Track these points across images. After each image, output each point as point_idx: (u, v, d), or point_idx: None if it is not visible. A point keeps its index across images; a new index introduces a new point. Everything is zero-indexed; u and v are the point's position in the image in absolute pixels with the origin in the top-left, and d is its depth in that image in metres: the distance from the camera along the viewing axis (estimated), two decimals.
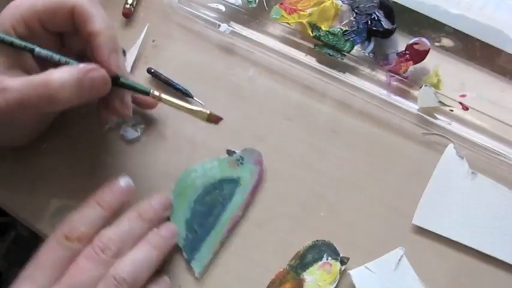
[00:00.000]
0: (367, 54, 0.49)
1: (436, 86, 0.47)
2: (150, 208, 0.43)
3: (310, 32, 0.49)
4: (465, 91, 0.48)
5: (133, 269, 0.38)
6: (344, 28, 0.49)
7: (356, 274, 0.42)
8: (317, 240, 0.44)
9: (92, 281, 0.38)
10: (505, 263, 0.43)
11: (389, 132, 0.48)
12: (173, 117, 0.49)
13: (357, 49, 0.49)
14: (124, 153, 0.48)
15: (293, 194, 0.46)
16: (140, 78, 0.51)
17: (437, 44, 0.49)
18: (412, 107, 0.47)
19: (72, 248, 0.39)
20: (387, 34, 0.49)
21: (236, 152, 0.47)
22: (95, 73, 0.39)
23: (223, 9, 0.52)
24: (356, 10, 0.49)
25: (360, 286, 0.42)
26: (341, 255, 0.43)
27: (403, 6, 0.49)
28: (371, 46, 0.49)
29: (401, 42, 0.49)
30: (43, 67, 0.40)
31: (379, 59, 0.49)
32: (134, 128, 0.48)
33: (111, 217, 0.41)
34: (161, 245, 0.41)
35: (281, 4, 0.50)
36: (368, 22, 0.49)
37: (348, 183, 0.46)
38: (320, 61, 0.50)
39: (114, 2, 0.53)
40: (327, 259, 0.43)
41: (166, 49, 0.52)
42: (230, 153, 0.47)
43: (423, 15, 0.49)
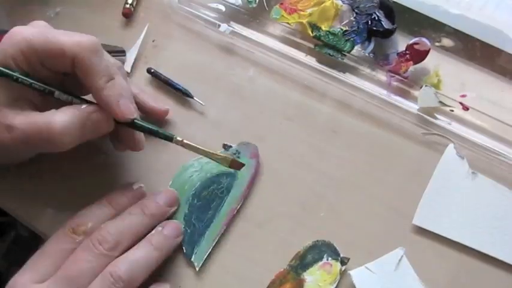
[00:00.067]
0: (367, 54, 0.49)
1: (436, 86, 0.47)
2: (153, 203, 0.43)
3: (310, 32, 0.49)
4: (465, 91, 0.48)
5: (130, 268, 0.38)
6: (344, 28, 0.49)
7: (356, 274, 0.42)
8: (317, 240, 0.44)
9: (88, 273, 0.38)
10: (505, 263, 0.43)
11: (389, 132, 0.48)
12: (173, 117, 0.49)
13: (357, 49, 0.49)
14: (124, 153, 0.48)
15: (293, 194, 0.46)
16: (140, 78, 0.51)
17: (437, 44, 0.49)
18: (412, 107, 0.47)
19: (76, 241, 0.40)
20: (387, 34, 0.49)
21: (232, 146, 0.47)
22: (98, 115, 0.40)
23: (223, 9, 0.52)
24: (356, 10, 0.49)
25: (360, 286, 0.42)
26: (341, 255, 0.43)
27: (403, 6, 0.49)
28: (371, 46, 0.49)
29: (401, 42, 0.49)
30: (45, 98, 0.41)
31: (379, 59, 0.49)
32: None
33: None
34: (163, 246, 0.41)
35: (281, 4, 0.50)
36: (368, 22, 0.49)
37: (348, 183, 0.46)
38: (320, 61, 0.50)
39: (114, 2, 0.53)
40: (327, 259, 0.43)
41: (166, 49, 0.52)
42: (226, 147, 0.47)
43: (423, 15, 0.49)
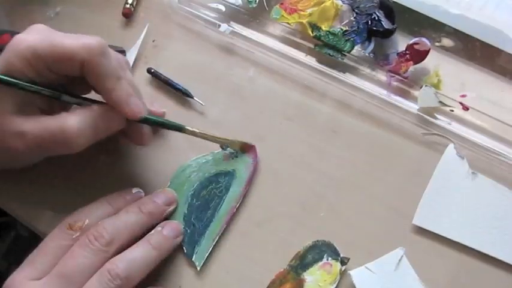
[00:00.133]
0: (367, 54, 0.49)
1: (436, 86, 0.47)
2: (151, 201, 0.43)
3: (310, 32, 0.49)
4: (465, 91, 0.48)
5: (128, 266, 0.38)
6: (344, 28, 0.49)
7: (356, 274, 0.42)
8: (317, 240, 0.44)
9: (84, 269, 0.38)
10: (505, 263, 0.43)
11: (389, 132, 0.48)
12: (172, 118, 0.49)
13: (357, 49, 0.49)
14: (124, 153, 0.48)
15: (293, 194, 0.46)
16: (140, 78, 0.51)
17: (437, 44, 0.49)
18: (412, 107, 0.47)
19: (73, 237, 0.40)
20: (387, 34, 0.49)
21: (235, 150, 0.47)
22: (110, 114, 0.40)
23: (223, 9, 0.52)
24: (356, 10, 0.49)
25: (360, 286, 0.42)
26: (341, 255, 0.43)
27: (404, 6, 0.49)
28: (371, 46, 0.49)
29: (401, 42, 0.49)
30: (52, 102, 0.41)
31: (379, 59, 0.49)
32: None
33: None
34: (162, 245, 0.41)
35: (281, 4, 0.50)
36: (368, 22, 0.49)
37: (348, 183, 0.46)
38: (320, 61, 0.50)
39: (114, 2, 0.53)
40: (327, 259, 0.43)
41: (166, 49, 0.52)
42: (224, 147, 0.47)
43: (423, 15, 0.49)
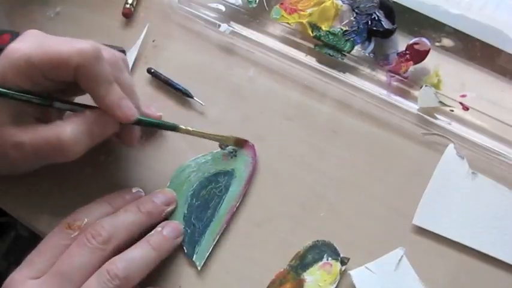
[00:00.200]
0: (367, 54, 0.49)
1: (436, 86, 0.47)
2: (150, 201, 0.43)
3: (310, 32, 0.49)
4: (465, 91, 0.48)
5: (127, 267, 0.38)
6: (344, 28, 0.49)
7: (356, 274, 0.42)
8: (317, 240, 0.44)
9: (80, 267, 0.38)
10: (505, 263, 0.43)
11: (389, 132, 0.48)
12: (172, 118, 0.48)
13: (357, 49, 0.49)
14: (123, 153, 0.48)
15: (293, 194, 0.46)
16: (140, 78, 0.51)
17: (437, 44, 0.49)
18: (412, 107, 0.47)
19: (72, 237, 0.40)
20: (387, 34, 0.49)
21: (229, 145, 0.47)
22: (103, 119, 0.40)
23: (223, 9, 0.52)
24: (356, 10, 0.49)
25: (360, 286, 0.42)
26: (341, 255, 0.43)
27: (404, 6, 0.49)
28: (371, 46, 0.49)
29: (401, 42, 0.49)
30: (46, 109, 0.41)
31: (379, 59, 0.49)
32: None
33: None
34: (161, 246, 0.41)
35: (281, 4, 0.50)
36: (368, 22, 0.49)
37: (348, 183, 0.46)
38: (320, 61, 0.50)
39: (114, 2, 0.53)
40: (327, 259, 0.43)
41: (166, 49, 0.52)
42: (223, 147, 0.47)
43: (423, 15, 0.49)
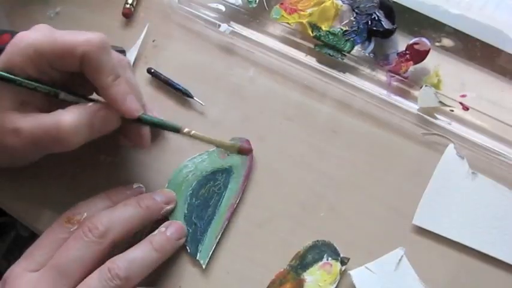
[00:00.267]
0: (367, 54, 0.49)
1: (436, 86, 0.47)
2: (150, 198, 0.43)
3: (310, 32, 0.49)
4: (465, 91, 0.48)
5: (128, 267, 0.38)
6: (344, 28, 0.49)
7: (356, 274, 0.42)
8: (317, 240, 0.44)
9: (76, 261, 0.38)
10: (505, 263, 0.43)
11: (389, 132, 0.48)
12: (172, 118, 0.48)
13: (357, 49, 0.49)
14: (123, 153, 0.48)
15: (293, 194, 0.46)
16: (140, 78, 0.51)
17: (437, 44, 0.49)
18: (412, 107, 0.47)
19: (70, 230, 0.40)
20: (387, 34, 0.49)
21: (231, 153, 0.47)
22: (105, 112, 0.40)
23: (223, 9, 0.52)
24: (356, 10, 0.49)
25: (360, 286, 0.42)
26: (341, 255, 0.43)
27: (404, 6, 0.49)
28: (371, 46, 0.49)
29: (401, 42, 0.49)
30: (50, 100, 0.41)
31: (379, 59, 0.49)
32: None
33: None
34: (164, 247, 0.41)
35: (281, 4, 0.50)
36: (368, 22, 0.49)
37: (348, 183, 0.46)
38: (320, 61, 0.50)
39: (114, 2, 0.53)
40: (327, 259, 0.43)
41: (166, 49, 0.52)
42: (227, 154, 0.47)
43: (423, 15, 0.49)
